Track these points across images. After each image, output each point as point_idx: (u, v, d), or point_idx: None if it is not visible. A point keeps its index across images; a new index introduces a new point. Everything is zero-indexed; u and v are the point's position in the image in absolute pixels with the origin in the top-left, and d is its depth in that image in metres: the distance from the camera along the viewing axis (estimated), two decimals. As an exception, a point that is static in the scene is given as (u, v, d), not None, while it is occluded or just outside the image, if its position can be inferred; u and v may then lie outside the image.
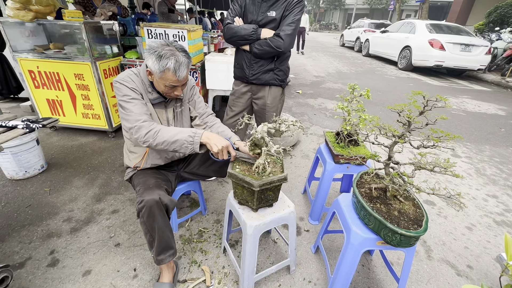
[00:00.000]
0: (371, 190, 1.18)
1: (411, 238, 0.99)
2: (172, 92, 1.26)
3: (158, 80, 1.20)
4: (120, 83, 1.22)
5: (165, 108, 1.38)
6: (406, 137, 1.00)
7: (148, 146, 1.19)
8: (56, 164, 2.41)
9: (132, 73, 1.28)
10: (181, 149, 1.20)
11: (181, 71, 1.17)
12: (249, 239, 1.19)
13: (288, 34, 1.57)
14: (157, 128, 1.18)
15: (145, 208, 1.15)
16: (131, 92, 1.22)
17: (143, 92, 1.27)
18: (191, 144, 1.19)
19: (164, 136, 1.17)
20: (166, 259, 1.27)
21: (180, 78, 1.19)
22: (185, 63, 1.18)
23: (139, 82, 1.27)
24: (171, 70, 1.15)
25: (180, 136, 1.18)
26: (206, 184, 2.22)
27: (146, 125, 1.17)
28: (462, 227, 1.89)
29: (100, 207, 1.91)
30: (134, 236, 1.67)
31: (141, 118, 1.18)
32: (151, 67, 1.17)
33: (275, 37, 1.60)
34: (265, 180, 1.11)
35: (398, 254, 1.64)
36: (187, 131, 1.19)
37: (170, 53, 1.15)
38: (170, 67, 1.14)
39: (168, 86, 1.21)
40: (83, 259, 1.50)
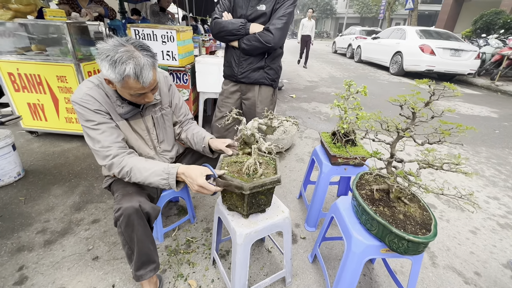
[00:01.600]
0: (373, 191, 1.08)
1: (420, 245, 0.88)
2: (142, 100, 1.09)
3: (121, 89, 1.02)
4: (80, 106, 1.03)
5: (142, 117, 1.22)
6: (411, 131, 0.90)
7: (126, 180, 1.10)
8: (35, 171, 2.24)
9: (93, 86, 1.06)
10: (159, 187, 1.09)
11: (145, 76, 0.97)
12: (239, 249, 1.06)
13: (278, 28, 1.49)
14: (128, 167, 1.05)
15: (122, 216, 1.02)
16: (94, 116, 1.04)
17: (110, 110, 1.09)
18: (166, 185, 1.06)
19: (137, 177, 1.06)
20: (146, 274, 1.13)
21: (145, 84, 0.99)
22: (148, 64, 0.97)
23: (103, 97, 1.07)
24: (131, 77, 0.95)
25: (153, 179, 1.05)
26: (196, 190, 2.09)
27: (116, 163, 1.05)
28: (465, 231, 1.79)
29: (79, 216, 1.76)
30: (115, 248, 1.52)
31: (110, 154, 1.04)
32: (107, 76, 0.97)
33: (265, 32, 1.51)
34: (256, 182, 0.99)
35: (401, 262, 1.52)
36: (159, 171, 1.04)
37: (127, 56, 0.93)
38: (129, 73, 0.94)
39: (135, 94, 1.04)
40: (56, 276, 1.35)
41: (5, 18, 2.21)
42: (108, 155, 1.04)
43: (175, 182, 1.06)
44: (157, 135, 1.30)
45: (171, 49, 2.53)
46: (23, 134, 2.91)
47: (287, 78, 6.71)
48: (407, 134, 0.89)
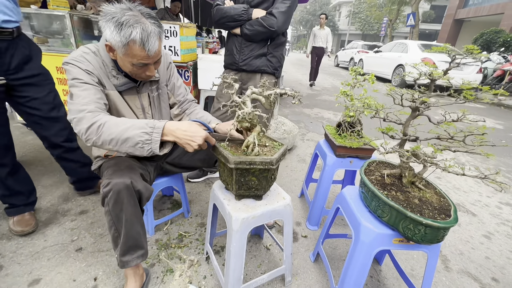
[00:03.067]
0: (383, 176, 0.98)
1: (439, 231, 0.78)
2: (143, 73, 1.00)
3: (123, 57, 0.94)
4: (72, 64, 0.95)
5: (137, 94, 1.14)
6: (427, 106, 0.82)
7: (93, 145, 0.90)
8: (26, 162, 2.15)
9: (89, 52, 1.00)
10: (136, 151, 0.88)
11: (151, 43, 0.90)
12: (235, 236, 0.96)
13: (282, 12, 1.44)
14: (103, 121, 0.87)
15: (111, 192, 0.92)
16: (83, 75, 0.94)
17: (102, 77, 1.00)
18: (147, 143, 0.87)
19: (111, 131, 0.86)
20: (133, 261, 1.02)
21: (151, 53, 0.92)
22: (155, 33, 0.91)
23: (98, 63, 1.00)
24: (137, 42, 0.88)
25: (132, 132, 0.86)
26: (192, 186, 1.99)
27: (88, 117, 0.87)
28: (479, 236, 1.67)
29: (67, 207, 1.65)
30: (101, 240, 1.41)
31: (86, 108, 0.89)
32: (111, 40, 0.89)
33: (268, 16, 1.46)
34: (243, 158, 0.89)
35: (412, 265, 1.40)
36: (141, 124, 0.88)
37: (134, 20, 0.87)
38: (135, 38, 0.87)
39: (137, 64, 0.95)
40: (34, 266, 1.23)
41: (8, 7, 2.19)
42: (83, 109, 0.88)
43: (159, 141, 0.88)
44: (153, 115, 1.22)
45: (173, 44, 2.50)
46: (19, 127, 2.84)
47: (289, 86, 6.72)
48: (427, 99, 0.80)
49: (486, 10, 14.24)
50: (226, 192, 1.08)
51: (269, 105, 0.91)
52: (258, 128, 0.98)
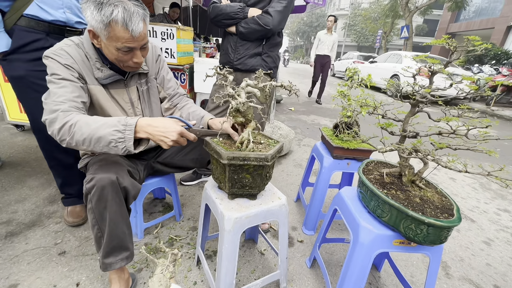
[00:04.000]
0: (382, 175, 0.95)
1: (443, 230, 0.74)
2: (129, 60, 0.94)
3: (106, 42, 0.88)
4: (51, 58, 0.90)
5: (125, 88, 1.09)
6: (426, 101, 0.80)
7: (68, 146, 0.84)
8: (13, 163, 2.08)
9: (71, 44, 0.94)
10: (111, 151, 0.83)
11: (135, 23, 0.84)
12: (227, 237, 0.90)
13: (278, 11, 1.43)
14: (74, 120, 0.82)
15: (95, 188, 0.86)
16: (62, 70, 0.90)
17: (84, 71, 0.95)
18: (121, 141, 0.82)
19: (83, 131, 0.81)
20: (117, 263, 0.95)
21: (135, 33, 0.86)
22: (139, 13, 0.86)
23: (80, 56, 0.95)
24: (119, 22, 0.82)
25: (104, 131, 0.81)
26: (185, 189, 1.93)
27: (60, 117, 0.82)
28: (478, 242, 1.63)
29: (52, 209, 1.58)
30: (86, 244, 1.34)
31: (59, 108, 0.83)
32: (92, 24, 0.84)
33: (263, 14, 1.45)
34: (237, 153, 0.85)
35: (411, 271, 1.35)
36: (113, 122, 0.83)
37: None
38: (117, 17, 0.82)
39: (122, 49, 0.89)
40: (12, 270, 1.15)
41: (2, 5, 2.16)
42: (56, 109, 0.83)
43: (133, 139, 0.83)
44: (142, 110, 1.17)
45: (170, 46, 2.49)
46: (8, 128, 2.77)
47: (286, 93, 6.74)
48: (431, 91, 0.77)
49: (477, 25, 14.72)
50: (219, 191, 1.04)
51: (264, 98, 0.88)
52: (253, 124, 0.95)
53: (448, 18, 16.69)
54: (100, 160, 1.01)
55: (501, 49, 10.58)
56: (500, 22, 13.01)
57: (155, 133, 0.85)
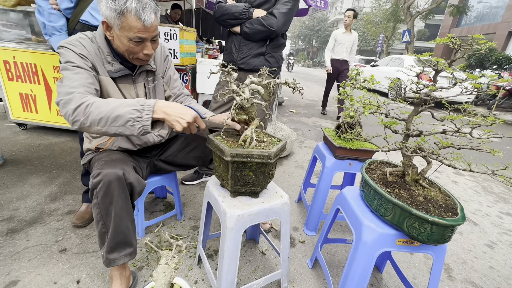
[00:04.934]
0: (385, 174, 0.94)
1: (447, 229, 0.74)
2: (140, 51, 0.96)
3: (119, 33, 0.91)
4: (66, 48, 0.93)
5: (133, 83, 1.11)
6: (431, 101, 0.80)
7: (80, 128, 0.84)
8: (15, 160, 2.08)
9: (85, 37, 0.99)
10: (126, 131, 0.83)
11: (147, 14, 0.88)
12: (229, 235, 0.90)
13: (282, 13, 1.44)
14: (91, 101, 0.83)
15: (101, 183, 0.86)
16: (76, 58, 0.92)
17: (96, 62, 0.99)
18: (139, 120, 0.82)
19: (100, 110, 0.81)
20: (120, 259, 0.95)
21: (146, 24, 0.89)
22: (151, 5, 0.90)
23: (93, 49, 0.99)
24: (132, 11, 0.86)
25: (122, 110, 0.81)
26: (186, 188, 1.93)
27: (76, 98, 0.83)
28: (481, 245, 1.62)
29: (54, 207, 1.58)
30: (87, 241, 1.33)
31: (75, 90, 0.85)
32: (106, 14, 0.88)
33: (268, 15, 1.47)
34: (240, 150, 0.85)
35: (413, 273, 1.34)
36: (132, 102, 0.84)
37: None
38: (130, 7, 0.85)
39: (133, 39, 0.91)
40: (12, 267, 1.15)
41: (8, 5, 2.19)
42: (72, 91, 0.84)
43: (151, 118, 0.83)
44: None
45: (173, 47, 2.51)
46: (11, 127, 2.78)
47: (288, 96, 6.76)
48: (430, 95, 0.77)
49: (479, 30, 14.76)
50: (221, 189, 1.03)
51: (268, 96, 0.88)
52: (256, 121, 0.95)
53: (450, 23, 16.76)
54: (105, 156, 1.01)
55: (503, 54, 10.60)
56: (501, 28, 13.05)
57: (172, 113, 0.86)
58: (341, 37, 4.21)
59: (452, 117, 0.77)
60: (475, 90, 0.75)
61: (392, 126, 0.86)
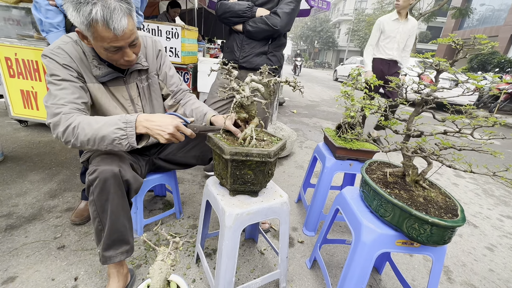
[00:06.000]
0: (385, 175, 0.94)
1: (446, 230, 0.73)
2: (120, 58, 0.91)
3: (94, 43, 0.85)
4: (49, 58, 0.89)
5: (125, 84, 1.07)
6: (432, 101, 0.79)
7: (74, 147, 0.86)
8: (15, 157, 2.08)
9: (69, 41, 0.93)
10: (115, 148, 0.84)
11: (116, 21, 0.79)
12: (227, 234, 0.90)
13: (286, 12, 1.44)
14: (76, 122, 0.83)
15: (97, 180, 0.86)
16: (60, 71, 0.89)
17: (83, 69, 0.94)
18: (124, 138, 0.83)
19: (86, 132, 0.82)
20: (116, 257, 0.95)
21: (118, 32, 0.80)
22: (120, 9, 0.79)
23: (78, 53, 0.93)
24: (99, 21, 0.77)
25: (106, 130, 0.82)
26: (185, 187, 1.92)
27: (63, 120, 0.83)
28: (481, 247, 1.61)
29: (53, 203, 1.57)
30: (85, 239, 1.33)
31: (61, 111, 0.84)
32: (77, 26, 0.81)
33: (272, 15, 1.46)
34: (240, 149, 0.85)
35: (412, 275, 1.33)
36: (114, 120, 0.84)
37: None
38: (96, 17, 0.76)
39: (109, 49, 0.86)
40: (10, 263, 1.15)
41: (10, 2, 2.19)
42: (58, 112, 0.84)
43: (135, 135, 0.84)
44: (143, 107, 1.16)
45: (174, 45, 2.51)
46: (12, 124, 2.78)
47: (289, 97, 6.76)
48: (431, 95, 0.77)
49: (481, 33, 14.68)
50: (220, 187, 1.03)
51: (268, 94, 0.88)
52: (256, 120, 0.94)
53: (452, 25, 16.74)
54: (103, 153, 1.01)
55: (505, 57, 10.57)
56: (504, 30, 13.02)
57: (152, 127, 0.86)
58: (391, 26, 2.83)
59: (453, 118, 0.77)
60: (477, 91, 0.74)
61: (393, 127, 0.86)
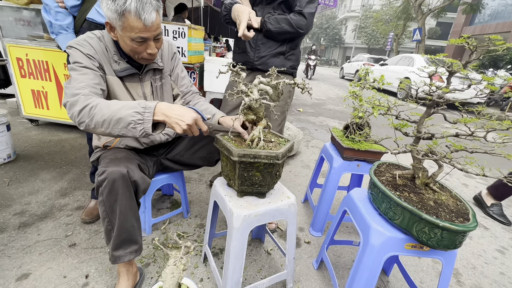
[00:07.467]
0: (394, 177, 0.93)
1: (457, 235, 0.72)
2: (143, 51, 0.97)
3: (121, 33, 0.92)
4: (74, 48, 0.95)
5: (140, 82, 1.12)
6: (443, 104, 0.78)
7: (86, 129, 0.86)
8: (27, 156, 2.13)
9: (94, 36, 1.00)
10: (129, 133, 0.84)
11: (147, 12, 0.87)
12: (235, 235, 0.90)
13: (312, 13, 1.36)
14: (95, 103, 0.85)
15: (106, 181, 0.88)
16: (84, 59, 0.94)
17: (104, 62, 1.00)
18: (140, 123, 0.83)
19: (103, 113, 0.83)
20: (125, 256, 0.96)
21: (147, 23, 0.89)
22: (151, 3, 0.89)
23: (101, 48, 1.00)
24: (132, 12, 0.86)
25: (124, 112, 0.83)
26: (192, 186, 1.94)
27: (81, 100, 0.85)
28: (492, 250, 1.58)
29: (64, 202, 1.61)
30: (95, 237, 1.36)
31: (80, 92, 0.86)
32: (108, 15, 0.89)
33: (296, 15, 1.34)
34: (248, 151, 0.85)
35: (421, 277, 1.32)
36: (133, 104, 0.85)
37: None
38: (130, 7, 0.85)
39: (136, 39, 0.92)
40: (24, 260, 1.18)
41: (21, 3, 2.23)
42: (77, 93, 0.86)
43: (151, 121, 0.84)
44: None
45: (181, 45, 2.51)
46: (23, 123, 2.84)
47: (294, 95, 6.72)
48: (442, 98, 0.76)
49: (493, 28, 14.33)
50: (228, 188, 1.04)
51: (276, 96, 0.88)
52: (264, 122, 0.94)
53: (462, 21, 16.32)
54: (111, 154, 1.03)
55: (518, 54, 10.27)
56: (517, 26, 12.64)
57: (172, 115, 0.87)
58: None
59: (465, 120, 0.75)
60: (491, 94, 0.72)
61: (403, 129, 0.85)
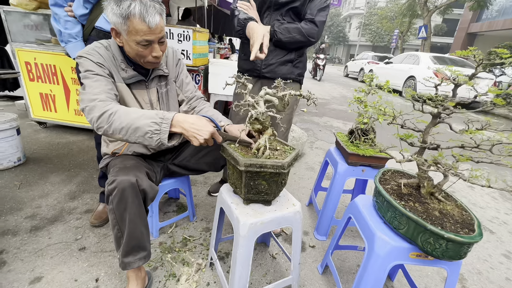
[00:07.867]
0: (400, 186, 0.94)
1: (463, 246, 0.73)
2: (149, 54, 1.01)
3: (127, 38, 0.96)
4: (84, 57, 0.98)
5: (146, 89, 1.15)
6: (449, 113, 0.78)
7: (104, 134, 0.90)
8: (36, 159, 2.18)
9: (101, 46, 1.04)
10: (145, 141, 0.88)
11: (151, 15, 0.91)
12: (241, 242, 0.92)
13: (323, 21, 1.35)
14: (114, 109, 0.88)
15: (116, 190, 0.90)
16: (95, 67, 0.98)
17: (112, 70, 1.04)
18: (157, 133, 0.86)
19: (121, 120, 0.86)
20: (135, 262, 0.99)
21: (151, 25, 0.92)
22: (155, 7, 0.92)
23: (109, 56, 1.04)
24: (136, 15, 0.89)
25: (142, 122, 0.86)
26: (198, 189, 1.96)
27: (100, 106, 0.88)
28: (497, 255, 1.58)
29: (73, 205, 1.65)
30: (104, 240, 1.39)
31: (97, 97, 0.90)
32: (113, 20, 0.92)
33: (308, 23, 1.33)
34: (254, 160, 0.87)
35: (425, 282, 1.32)
36: (151, 114, 0.88)
37: None
38: (134, 11, 0.89)
39: (141, 43, 0.95)
40: (36, 263, 1.22)
41: (29, 8, 2.27)
42: (95, 98, 0.90)
43: (168, 132, 0.87)
44: None
45: (186, 48, 2.53)
46: (32, 125, 2.90)
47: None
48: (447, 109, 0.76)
49: (500, 25, 14.06)
50: (234, 196, 1.05)
51: (282, 107, 0.89)
52: (270, 130, 0.96)
53: (469, 17, 16.03)
54: (120, 162, 1.05)
55: (526, 51, 10.08)
56: (525, 22, 12.37)
57: (190, 129, 0.89)
58: None
59: (471, 132, 0.75)
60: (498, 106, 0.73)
61: (409, 139, 0.85)
